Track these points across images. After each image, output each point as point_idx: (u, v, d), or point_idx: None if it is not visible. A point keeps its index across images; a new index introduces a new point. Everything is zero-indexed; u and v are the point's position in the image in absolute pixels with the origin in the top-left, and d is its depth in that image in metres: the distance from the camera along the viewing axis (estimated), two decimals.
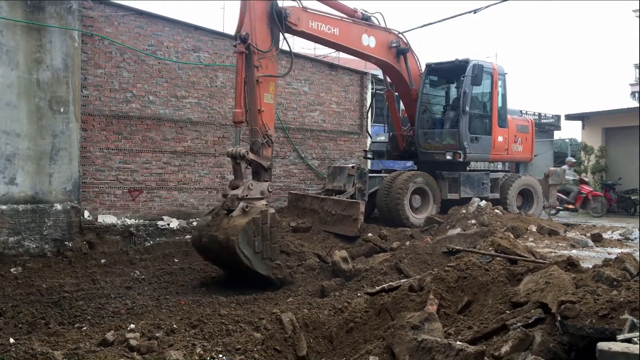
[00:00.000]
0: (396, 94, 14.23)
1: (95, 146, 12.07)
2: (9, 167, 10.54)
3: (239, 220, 8.11)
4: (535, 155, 16.01)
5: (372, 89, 17.25)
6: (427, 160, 13.90)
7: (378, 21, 12.45)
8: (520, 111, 23.84)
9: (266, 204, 8.74)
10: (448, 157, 13.08)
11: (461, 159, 13.05)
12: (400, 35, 12.79)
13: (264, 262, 8.24)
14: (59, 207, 11.02)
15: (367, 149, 15.87)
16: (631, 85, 32.70)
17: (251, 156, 8.89)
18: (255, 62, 9.15)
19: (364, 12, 12.12)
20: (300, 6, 10.27)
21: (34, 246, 10.66)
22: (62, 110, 11.13)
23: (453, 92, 14.55)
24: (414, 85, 13.31)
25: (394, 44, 12.55)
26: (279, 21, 9.60)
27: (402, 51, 12.74)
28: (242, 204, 8.34)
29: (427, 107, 14.04)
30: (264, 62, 9.27)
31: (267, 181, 9.07)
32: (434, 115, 14.21)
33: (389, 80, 13.92)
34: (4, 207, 10.44)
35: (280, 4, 9.88)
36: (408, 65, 12.99)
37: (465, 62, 13.14)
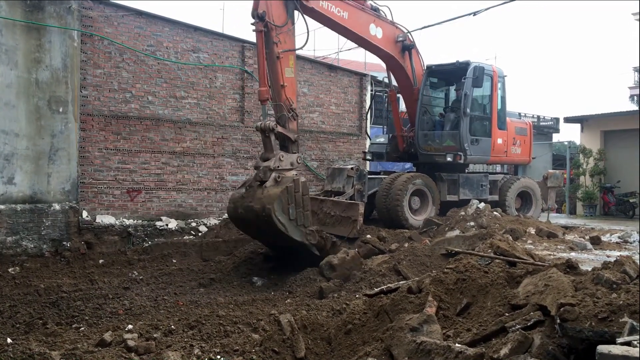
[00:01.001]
0: (399, 95, 14.23)
1: (94, 146, 12.06)
2: (8, 167, 10.53)
3: (273, 190, 8.50)
4: (533, 158, 16.01)
5: (371, 90, 17.25)
6: (427, 162, 13.90)
7: (386, 15, 12.49)
8: (519, 114, 23.89)
9: (296, 174, 9.14)
10: (449, 159, 13.07)
11: (461, 161, 13.05)
12: (406, 31, 12.80)
13: (298, 229, 8.69)
14: (57, 207, 11.00)
15: (367, 151, 15.86)
16: (630, 88, 32.78)
17: (279, 129, 9.18)
18: (274, 38, 9.47)
19: (372, 4, 12.18)
20: None
21: (32, 246, 10.63)
22: (61, 110, 11.12)
23: (453, 94, 14.55)
24: (417, 85, 13.31)
25: (400, 38, 12.63)
26: None
27: (408, 47, 12.81)
28: (274, 174, 8.74)
29: (427, 109, 14.04)
30: (282, 37, 9.58)
31: (295, 153, 9.42)
32: (434, 116, 14.21)
33: (393, 78, 13.90)
34: (2, 206, 10.42)
35: None
36: (412, 62, 13.03)
37: (466, 64, 13.15)
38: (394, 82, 13.96)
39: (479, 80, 12.84)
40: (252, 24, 9.54)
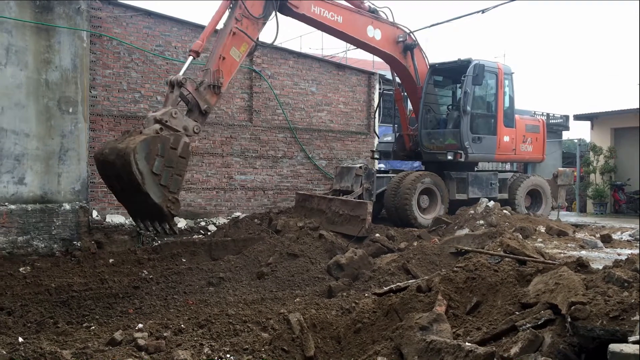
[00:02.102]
0: (404, 93, 14.21)
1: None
2: (18, 167, 10.59)
3: (148, 136, 7.46)
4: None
5: (379, 89, 17.23)
6: (431, 161, 13.87)
7: (386, 16, 12.43)
8: (534, 112, 23.74)
9: (189, 142, 8.02)
10: (449, 157, 13.04)
11: (462, 159, 12.97)
12: (407, 30, 12.75)
13: (159, 189, 7.44)
14: (67, 206, 11.07)
15: (375, 149, 15.84)
16: None
17: (189, 87, 8.53)
18: (237, 14, 9.32)
19: (371, 5, 12.11)
20: None
21: (43, 246, 10.70)
22: (70, 110, 11.17)
23: (457, 92, 14.52)
24: (421, 84, 13.27)
25: (401, 39, 12.55)
26: None
27: (409, 47, 12.74)
28: (157, 126, 7.72)
29: (432, 107, 14.02)
30: (245, 21, 9.45)
31: (196, 122, 8.51)
32: (439, 115, 14.18)
33: (397, 78, 13.89)
34: (13, 206, 10.50)
35: None
36: (415, 61, 12.96)
37: (467, 62, 13.10)
38: (399, 80, 13.94)
39: (479, 78, 12.79)
40: None
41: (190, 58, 8.94)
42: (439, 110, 14.41)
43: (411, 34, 12.82)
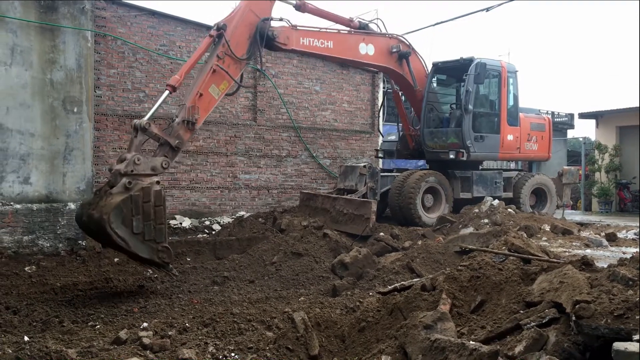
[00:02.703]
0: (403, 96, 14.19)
1: (108, 146, 12.15)
2: (23, 167, 10.63)
3: (115, 198, 7.28)
4: None
5: (383, 87, 17.22)
6: (434, 159, 13.85)
7: (379, 28, 12.34)
8: (539, 110, 23.68)
9: (158, 181, 7.79)
10: (451, 156, 13.02)
11: (464, 158, 12.94)
12: (401, 38, 12.65)
13: (147, 245, 7.45)
14: (72, 206, 11.09)
15: (379, 148, 15.84)
16: None
17: (154, 130, 8.12)
18: (219, 51, 9.11)
19: (360, 21, 12.00)
20: (290, 25, 10.21)
21: (48, 245, 10.74)
22: (75, 110, 11.20)
23: (460, 91, 14.50)
24: (419, 87, 13.17)
25: (395, 49, 12.40)
26: (261, 41, 9.65)
27: (404, 55, 12.59)
28: (124, 180, 7.46)
29: (434, 106, 13.98)
30: (228, 59, 9.21)
31: (166, 157, 8.18)
32: (441, 114, 14.16)
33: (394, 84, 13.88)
34: (18, 206, 10.54)
35: (273, 22, 9.93)
36: (411, 68, 12.84)
37: (469, 61, 13.06)
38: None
39: (480, 77, 12.76)
40: (211, 27, 9.35)
41: (166, 92, 8.66)
42: (442, 109, 14.39)
43: (404, 38, 12.68)
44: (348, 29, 11.79)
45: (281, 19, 10.15)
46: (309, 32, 10.73)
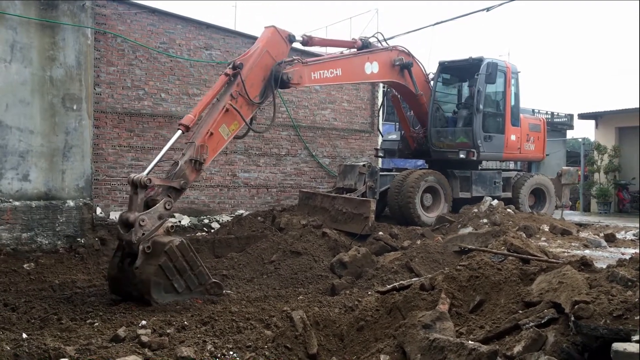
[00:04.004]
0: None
1: (108, 143, 12.15)
2: (23, 164, 10.62)
3: (145, 272, 7.01)
4: (547, 155, 15.93)
5: (383, 87, 17.22)
6: (440, 159, 13.86)
7: (379, 41, 12.31)
8: (533, 110, 23.73)
9: (171, 226, 7.52)
10: (461, 156, 13.04)
11: (474, 158, 13.03)
12: (401, 48, 12.59)
13: (197, 291, 7.30)
14: (71, 203, 11.09)
15: (378, 147, 15.84)
16: None
17: (157, 182, 7.71)
18: (233, 91, 8.82)
19: (363, 40, 11.97)
20: (300, 61, 10.14)
21: (47, 242, 10.73)
22: (74, 107, 11.20)
23: (465, 91, 14.50)
24: (420, 92, 13.15)
25: (397, 62, 12.34)
26: (275, 84, 9.53)
27: (406, 65, 12.52)
28: (141, 247, 7.10)
29: (439, 106, 14.00)
30: (241, 99, 8.94)
31: (169, 197, 7.72)
32: (446, 113, 14.18)
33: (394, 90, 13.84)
34: (17, 203, 10.53)
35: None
36: (413, 77, 12.80)
37: (479, 60, 13.08)
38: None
39: (492, 77, 12.79)
40: (227, 65, 9.16)
41: (179, 132, 8.24)
42: (448, 108, 14.44)
43: (404, 48, 12.58)
44: (352, 50, 11.74)
45: (293, 60, 10.05)
46: (317, 65, 10.66)
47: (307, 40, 10.75)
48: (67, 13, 11.12)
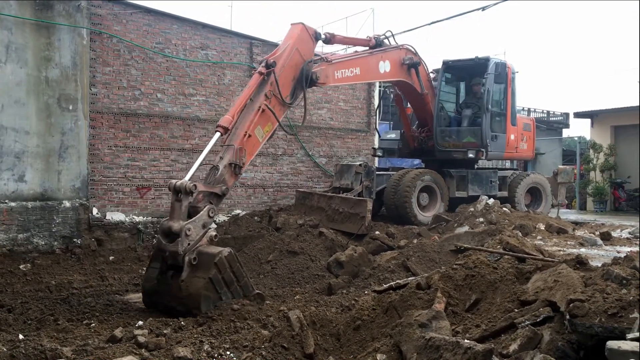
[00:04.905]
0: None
1: (104, 144, 12.12)
2: (18, 165, 10.60)
3: (193, 285, 6.62)
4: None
5: (380, 86, 17.21)
6: (445, 158, 13.85)
7: (388, 40, 12.27)
8: (522, 108, 23.82)
9: (215, 234, 7.21)
10: (470, 155, 13.14)
11: (483, 157, 13.19)
12: (408, 47, 12.54)
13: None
14: (67, 204, 11.08)
15: (376, 147, 15.83)
16: (639, 83, 32.48)
17: (201, 187, 7.41)
18: (267, 90, 8.59)
19: (376, 38, 11.93)
20: (326, 61, 10.04)
21: (43, 243, 10.71)
22: (70, 107, 11.18)
23: (470, 90, 14.57)
24: (425, 91, 13.15)
25: (407, 61, 12.28)
26: (305, 81, 9.40)
27: (414, 65, 12.47)
28: (187, 258, 6.69)
29: (444, 105, 14.06)
30: (274, 100, 8.76)
31: (211, 203, 7.37)
32: (450, 112, 14.23)
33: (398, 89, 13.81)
34: (13, 204, 10.50)
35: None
36: (420, 76, 12.77)
37: (486, 60, 13.13)
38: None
39: (501, 77, 12.93)
40: (258, 63, 8.91)
41: (217, 134, 7.92)
42: (453, 107, 14.48)
43: (411, 47, 12.49)
44: (367, 48, 11.71)
45: (320, 58, 9.97)
46: (340, 63, 10.59)
47: (330, 38, 10.65)
48: (63, 13, 11.10)
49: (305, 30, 9.63)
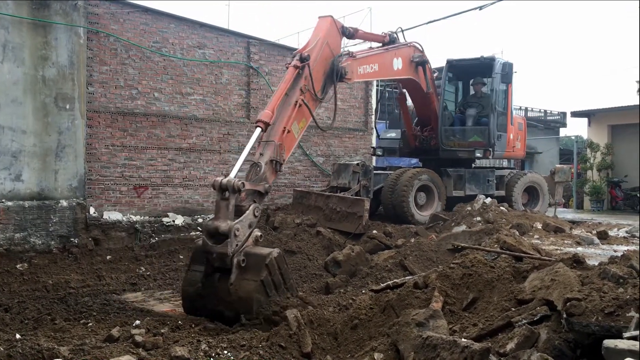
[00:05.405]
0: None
1: (101, 143, 12.10)
2: (15, 164, 10.58)
3: (244, 288, 6.28)
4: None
5: (377, 85, 17.20)
6: (450, 158, 13.87)
7: (397, 37, 12.23)
8: (519, 107, 23.92)
9: (260, 234, 6.91)
10: (478, 155, 13.20)
11: (491, 157, 13.24)
12: (416, 44, 12.43)
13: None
14: (64, 203, 11.06)
15: (375, 146, 15.81)
16: (638, 82, 32.54)
17: (248, 186, 7.01)
18: (302, 84, 8.39)
19: (390, 34, 11.89)
20: (350, 56, 9.92)
21: (40, 242, 10.69)
22: (67, 107, 11.16)
23: (469, 89, 14.60)
24: (430, 89, 13.12)
25: (416, 59, 12.21)
26: (335, 76, 9.32)
27: (423, 63, 12.41)
28: (235, 260, 6.33)
29: (448, 104, 14.10)
30: (308, 94, 8.59)
31: (254, 202, 7.00)
32: (457, 112, 14.27)
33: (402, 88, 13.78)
34: (10, 203, 10.48)
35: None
36: (427, 74, 12.73)
37: (491, 60, 13.17)
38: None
39: (508, 76, 13.02)
40: (291, 57, 8.66)
41: (258, 130, 7.56)
42: (456, 107, 14.51)
43: (419, 46, 12.42)
44: (383, 45, 11.65)
45: (347, 53, 9.88)
46: (363, 59, 10.47)
47: (353, 33, 10.52)
48: (60, 12, 11.08)
49: (334, 23, 9.52)
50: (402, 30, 12.18)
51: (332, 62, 9.31)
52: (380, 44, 11.67)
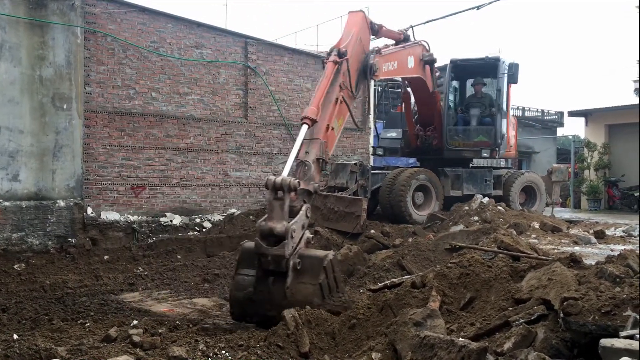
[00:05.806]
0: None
1: (98, 143, 12.09)
2: (12, 164, 10.56)
3: (301, 292, 5.97)
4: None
5: (376, 85, 17.21)
6: (455, 157, 13.89)
7: (409, 35, 12.18)
8: (517, 107, 24.04)
9: (311, 236, 6.69)
10: (484, 155, 13.22)
11: (497, 157, 13.30)
12: (423, 43, 12.30)
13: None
14: (62, 203, 11.04)
15: (375, 145, 15.79)
16: (635, 81, 32.58)
17: (303, 186, 6.66)
18: (341, 80, 8.20)
19: (404, 32, 11.76)
20: (376, 52, 9.79)
21: (37, 242, 10.68)
22: (65, 106, 11.14)
23: (470, 89, 14.64)
24: (436, 89, 13.09)
25: (426, 58, 12.10)
26: (368, 72, 9.24)
27: (431, 62, 12.31)
28: (291, 263, 6.00)
29: (453, 104, 14.13)
30: (347, 91, 8.43)
31: (305, 202, 6.74)
32: (461, 112, 14.31)
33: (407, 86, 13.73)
34: (7, 203, 10.47)
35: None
36: (434, 73, 12.68)
37: (496, 60, 13.20)
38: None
39: (514, 77, 13.07)
40: (328, 53, 8.47)
41: (305, 127, 7.24)
42: (458, 106, 14.54)
43: (426, 45, 12.27)
44: (399, 42, 11.54)
45: (378, 51, 9.77)
46: (386, 56, 10.33)
47: (378, 30, 10.43)
48: (57, 12, 11.06)
49: (365, 19, 9.39)
50: (412, 27, 12.08)
51: (364, 58, 9.19)
52: (393, 42, 11.61)
